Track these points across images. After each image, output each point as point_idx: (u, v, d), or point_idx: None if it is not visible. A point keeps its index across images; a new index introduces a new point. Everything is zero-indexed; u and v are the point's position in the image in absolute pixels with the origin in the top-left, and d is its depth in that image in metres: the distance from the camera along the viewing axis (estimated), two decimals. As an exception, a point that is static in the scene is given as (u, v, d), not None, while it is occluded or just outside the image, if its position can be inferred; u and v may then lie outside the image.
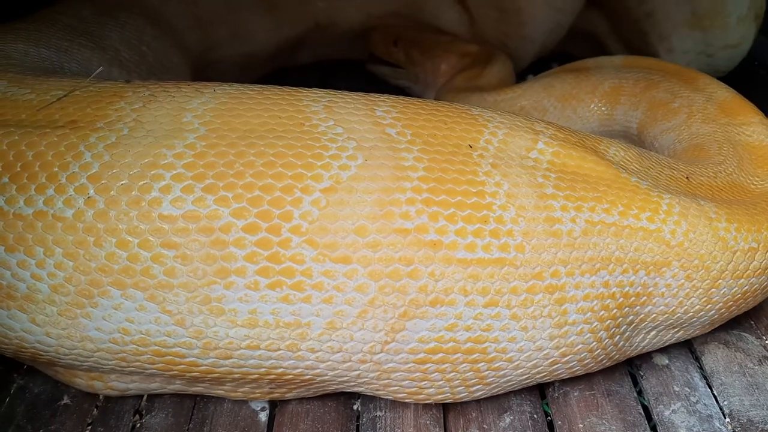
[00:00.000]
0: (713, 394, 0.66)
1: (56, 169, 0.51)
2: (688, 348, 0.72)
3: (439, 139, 0.56)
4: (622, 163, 0.61)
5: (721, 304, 0.63)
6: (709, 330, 0.69)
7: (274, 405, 0.65)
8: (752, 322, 0.75)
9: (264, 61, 1.21)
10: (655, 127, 0.84)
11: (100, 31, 0.83)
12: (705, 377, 0.69)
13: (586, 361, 0.61)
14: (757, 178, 0.70)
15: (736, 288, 0.62)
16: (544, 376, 0.61)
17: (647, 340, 0.64)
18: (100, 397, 0.64)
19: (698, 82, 0.85)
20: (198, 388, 0.62)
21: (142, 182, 0.51)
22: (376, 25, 1.31)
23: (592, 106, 0.91)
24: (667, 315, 0.61)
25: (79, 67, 0.72)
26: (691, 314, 0.62)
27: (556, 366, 0.60)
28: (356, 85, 1.25)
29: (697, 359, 0.71)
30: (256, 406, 0.64)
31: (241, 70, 1.16)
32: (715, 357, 0.70)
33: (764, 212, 0.63)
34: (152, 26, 0.92)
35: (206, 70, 1.06)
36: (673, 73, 0.88)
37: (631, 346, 0.64)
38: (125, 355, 0.54)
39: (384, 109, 0.58)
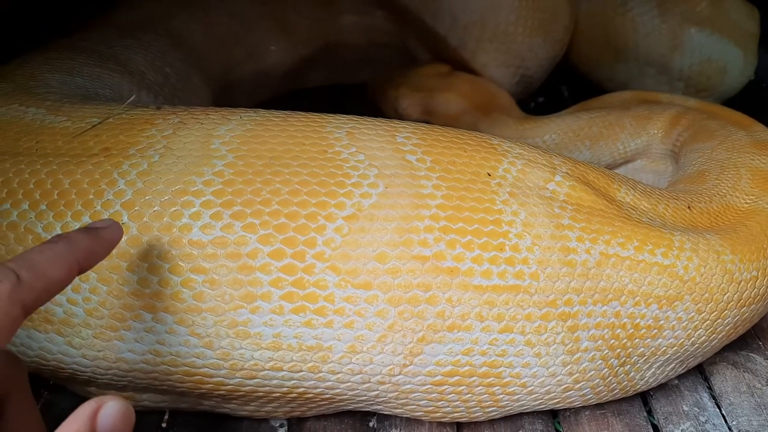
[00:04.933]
0: (722, 414, 0.67)
1: (92, 196, 0.53)
2: (697, 368, 0.73)
3: (459, 166, 0.57)
4: (632, 203, 0.62)
5: (723, 333, 0.64)
6: (710, 355, 0.70)
7: (292, 422, 0.66)
8: (760, 343, 0.76)
9: (279, 81, 1.22)
10: (691, 145, 0.85)
11: (126, 54, 0.85)
12: (714, 397, 0.70)
13: (599, 389, 0.62)
14: (751, 197, 0.70)
15: (739, 316, 0.63)
16: (558, 402, 0.62)
17: (656, 376, 0.65)
18: (124, 414, 0.66)
19: (752, 128, 0.86)
20: (225, 410, 0.64)
21: (173, 209, 0.52)
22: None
23: (658, 124, 0.94)
24: (675, 348, 0.62)
25: (112, 93, 0.74)
26: (696, 345, 0.63)
27: (569, 392, 0.61)
28: (370, 109, 1.26)
29: (706, 379, 0.72)
30: (275, 422, 0.66)
31: (255, 90, 1.17)
32: (723, 377, 0.71)
33: (757, 238, 0.64)
34: (176, 48, 0.93)
35: (224, 91, 1.06)
36: (735, 120, 0.90)
37: (642, 380, 0.65)
38: (157, 374, 0.56)
39: (405, 135, 0.59)
